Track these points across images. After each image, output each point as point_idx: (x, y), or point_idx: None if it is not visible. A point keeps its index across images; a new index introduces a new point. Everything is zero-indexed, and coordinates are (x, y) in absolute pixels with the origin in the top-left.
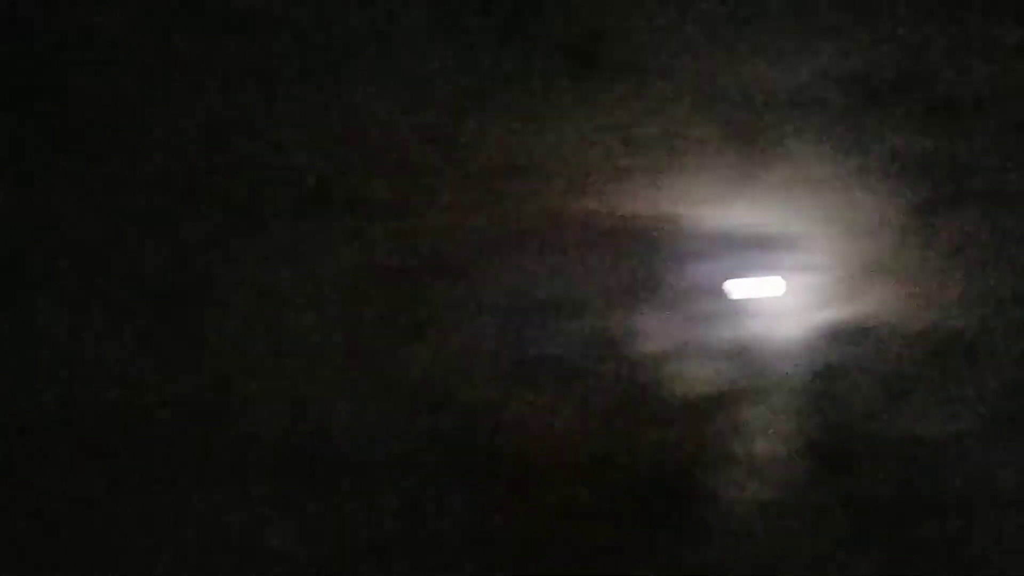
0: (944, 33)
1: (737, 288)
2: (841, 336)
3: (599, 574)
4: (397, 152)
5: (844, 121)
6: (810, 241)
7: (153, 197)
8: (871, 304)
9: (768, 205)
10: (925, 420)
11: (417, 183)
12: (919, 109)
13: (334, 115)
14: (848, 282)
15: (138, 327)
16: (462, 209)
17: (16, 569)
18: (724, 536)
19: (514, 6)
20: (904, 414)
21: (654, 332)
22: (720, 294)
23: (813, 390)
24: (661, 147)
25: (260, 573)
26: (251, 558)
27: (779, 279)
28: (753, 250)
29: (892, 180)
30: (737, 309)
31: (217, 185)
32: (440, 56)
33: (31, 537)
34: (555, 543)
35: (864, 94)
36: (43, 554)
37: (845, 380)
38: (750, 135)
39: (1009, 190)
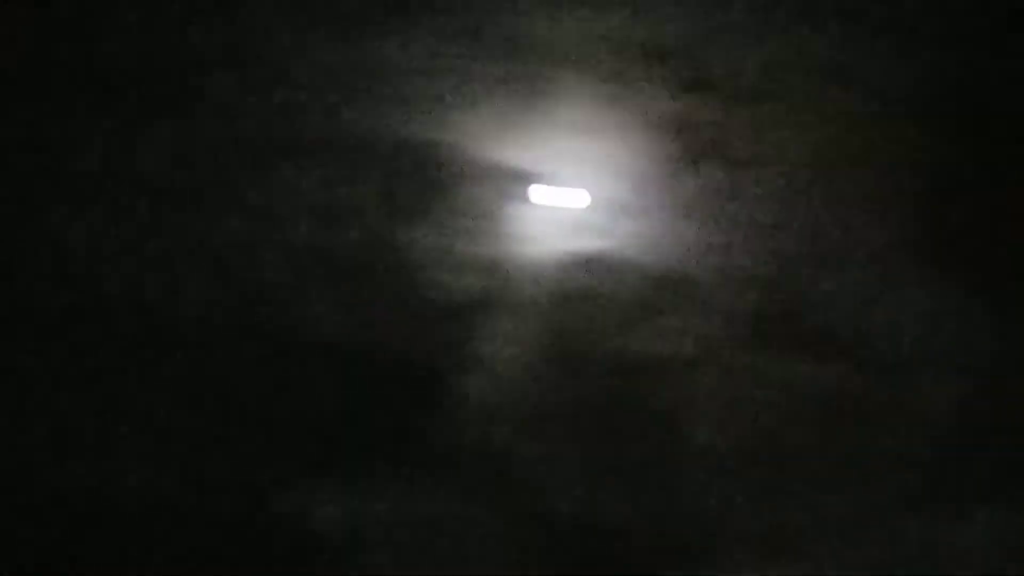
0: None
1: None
2: (588, 264)
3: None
4: None
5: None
6: (570, 179)
7: None
8: (617, 240)
9: (538, 145)
10: (652, 344)
11: None
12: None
13: None
14: (601, 219)
15: None
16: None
17: None
18: (468, 425)
19: None
20: (636, 337)
21: (424, 242)
22: (487, 215)
23: (560, 307)
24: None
25: None
26: None
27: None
28: (520, 182)
29: (650, 136)
30: (501, 228)
31: None
32: None
33: None
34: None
35: (634, 61)
36: None
37: (588, 302)
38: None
39: (743, 156)
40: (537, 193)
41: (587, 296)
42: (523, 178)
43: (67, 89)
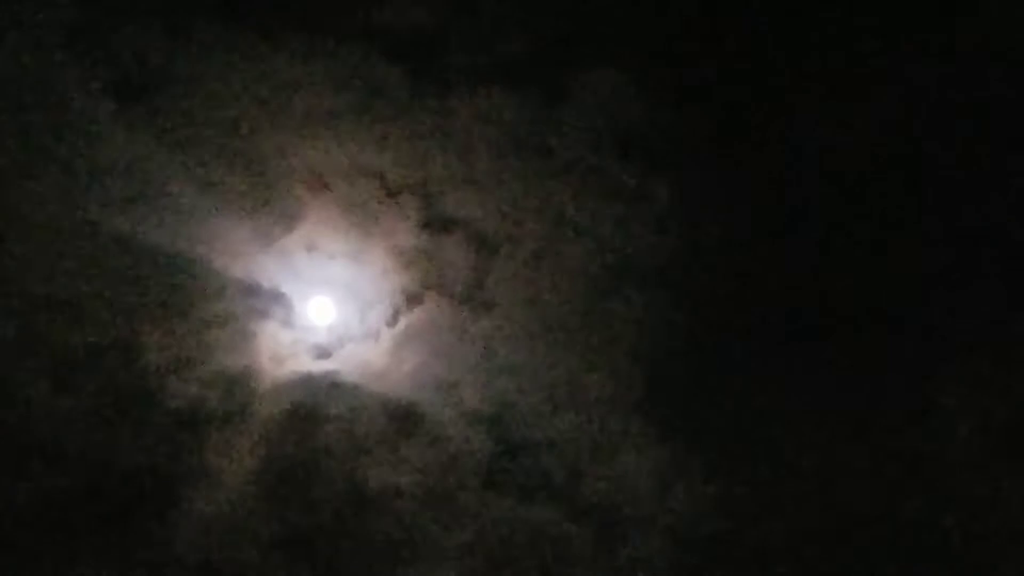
0: None
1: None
2: (321, 384)
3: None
4: None
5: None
6: (312, 301)
7: None
8: (348, 363)
9: (284, 265)
10: (378, 471)
11: None
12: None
13: None
14: (338, 343)
15: None
16: None
17: None
18: (181, 543)
19: None
20: (362, 463)
21: (162, 347)
22: (230, 329)
23: (288, 424)
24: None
25: None
26: None
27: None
28: (263, 299)
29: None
30: (243, 343)
31: None
32: None
33: None
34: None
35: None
36: None
37: (320, 424)
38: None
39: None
40: (280, 312)
41: (322, 420)
42: (266, 295)
43: None
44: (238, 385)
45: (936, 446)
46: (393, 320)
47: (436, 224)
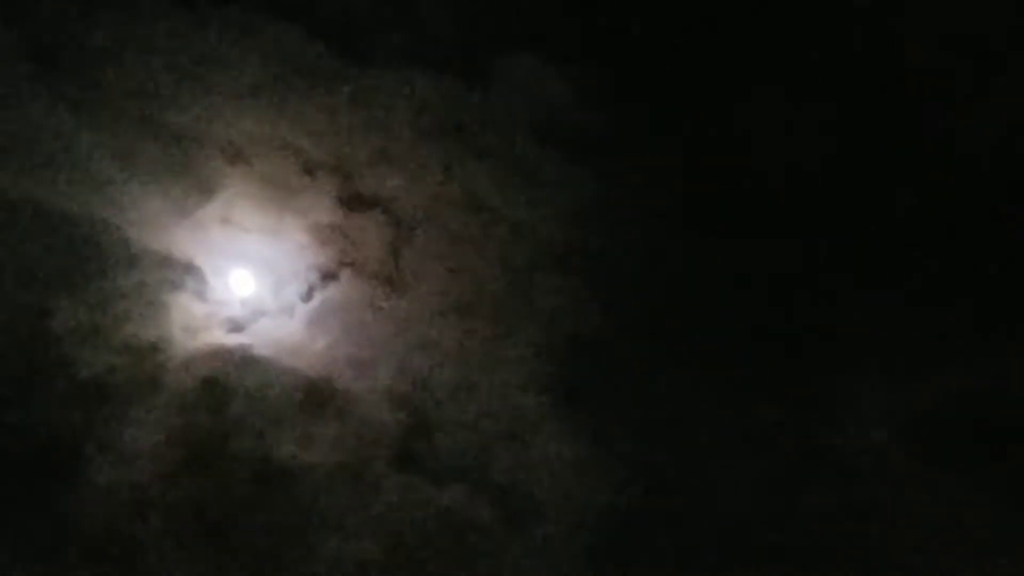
0: None
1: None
2: (233, 358)
3: None
4: None
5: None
6: (225, 274)
7: None
8: (261, 337)
9: (200, 238)
10: (289, 446)
11: None
12: (340, 193)
13: None
14: (250, 317)
15: None
16: None
17: None
18: (86, 513)
19: None
20: (272, 438)
21: (73, 315)
22: (142, 299)
23: (198, 397)
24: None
25: None
26: None
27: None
28: (176, 270)
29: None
30: (155, 314)
31: None
32: None
33: None
34: None
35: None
36: None
37: (232, 397)
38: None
39: (390, 275)
40: (194, 284)
41: (234, 393)
42: (180, 267)
43: None
44: (149, 356)
45: (847, 446)
46: (308, 296)
47: (353, 202)
